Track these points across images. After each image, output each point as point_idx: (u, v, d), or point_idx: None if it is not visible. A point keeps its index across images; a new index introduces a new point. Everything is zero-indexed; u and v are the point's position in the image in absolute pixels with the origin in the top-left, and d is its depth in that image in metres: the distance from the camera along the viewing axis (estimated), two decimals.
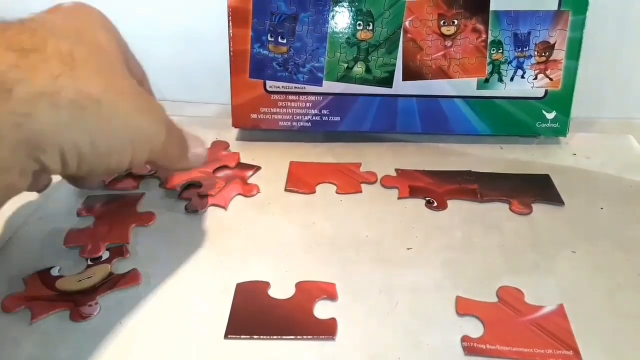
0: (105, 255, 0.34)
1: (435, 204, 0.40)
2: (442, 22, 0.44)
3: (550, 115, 0.47)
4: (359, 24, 0.44)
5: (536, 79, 0.46)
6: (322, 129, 0.47)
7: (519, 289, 0.32)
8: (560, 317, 0.30)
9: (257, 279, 0.33)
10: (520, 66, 0.45)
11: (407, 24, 0.44)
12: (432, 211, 0.39)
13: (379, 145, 0.47)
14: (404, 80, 0.45)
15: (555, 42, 0.45)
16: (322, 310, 0.31)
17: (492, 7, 0.44)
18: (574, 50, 0.45)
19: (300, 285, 0.32)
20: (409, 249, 0.36)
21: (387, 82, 0.46)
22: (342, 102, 0.46)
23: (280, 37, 0.44)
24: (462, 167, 0.44)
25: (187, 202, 0.40)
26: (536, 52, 0.45)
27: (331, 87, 0.46)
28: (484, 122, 0.47)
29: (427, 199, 0.40)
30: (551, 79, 0.46)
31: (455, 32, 0.44)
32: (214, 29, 0.46)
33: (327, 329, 0.30)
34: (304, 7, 0.44)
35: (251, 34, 0.44)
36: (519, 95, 0.46)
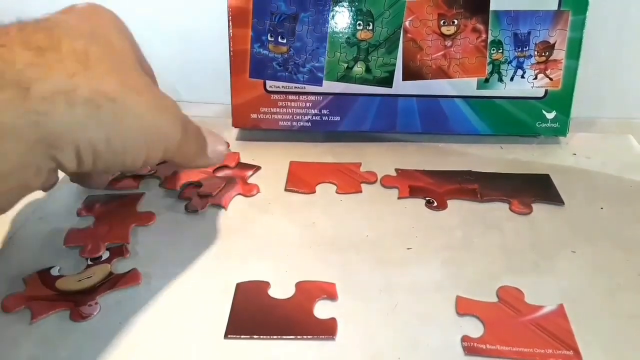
0: (105, 255, 0.34)
1: (435, 204, 0.40)
2: (442, 22, 0.44)
3: (550, 115, 0.47)
4: (359, 24, 0.44)
5: (536, 78, 0.46)
6: (322, 129, 0.47)
7: (519, 289, 0.32)
8: (560, 317, 0.30)
9: (257, 279, 0.33)
10: (520, 66, 0.45)
11: (407, 23, 0.44)
12: (432, 211, 0.39)
13: (379, 145, 0.47)
14: (404, 80, 0.45)
15: (555, 42, 0.45)
16: (322, 310, 0.31)
17: (492, 7, 0.44)
18: (574, 50, 0.45)
19: (300, 285, 0.32)
20: (409, 249, 0.36)
21: (387, 82, 0.45)
22: (342, 102, 0.46)
23: (280, 37, 0.44)
24: (462, 167, 0.44)
25: (187, 202, 0.40)
26: (536, 52, 0.45)
27: (331, 87, 0.46)
28: (484, 122, 0.47)
29: (427, 198, 0.40)
30: (551, 79, 0.46)
31: (455, 32, 0.44)
32: (214, 29, 0.46)
33: (327, 329, 0.30)
34: (304, 7, 0.44)
35: (251, 33, 0.44)
36: (519, 95, 0.46)
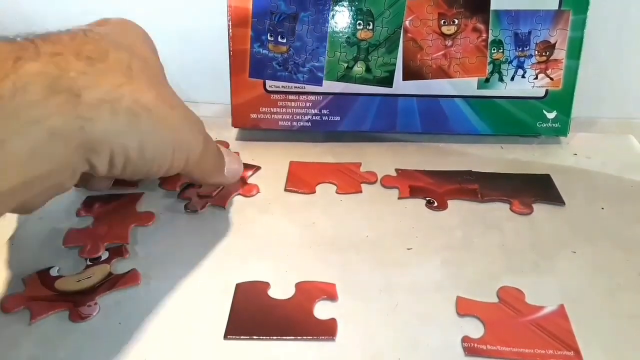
0: (104, 255, 0.34)
1: (435, 204, 0.40)
2: (442, 21, 0.44)
3: (550, 115, 0.46)
4: (359, 24, 0.44)
5: (537, 78, 0.46)
6: (322, 129, 0.47)
7: (519, 289, 0.32)
8: (560, 318, 0.30)
9: (257, 279, 0.33)
10: (520, 66, 0.45)
11: (407, 23, 0.44)
12: (432, 211, 0.39)
13: (379, 145, 0.47)
14: (404, 79, 0.45)
15: (555, 42, 0.45)
16: (322, 310, 0.31)
17: (493, 7, 0.44)
18: (575, 49, 0.45)
19: (300, 285, 0.32)
20: (409, 249, 0.35)
21: (387, 81, 0.45)
22: (342, 101, 0.46)
23: (280, 36, 0.44)
24: (463, 167, 0.44)
25: (186, 202, 0.40)
26: (537, 52, 0.45)
27: (331, 86, 0.46)
28: (485, 122, 0.47)
29: (427, 199, 0.40)
30: (552, 79, 0.46)
31: (455, 31, 0.44)
32: (214, 28, 0.46)
33: (327, 330, 0.30)
34: (303, 7, 0.43)
35: (251, 33, 0.44)
36: (520, 95, 0.46)
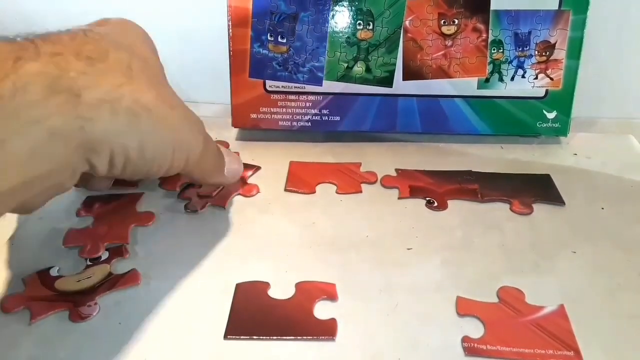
0: (104, 255, 0.34)
1: (435, 204, 0.40)
2: (442, 21, 0.44)
3: (550, 115, 0.46)
4: (359, 24, 0.44)
5: (537, 78, 0.45)
6: (322, 129, 0.47)
7: (519, 289, 0.32)
8: (560, 318, 0.30)
9: (256, 279, 0.33)
10: (520, 66, 0.45)
11: (407, 23, 0.44)
12: (432, 211, 0.39)
13: (379, 145, 0.47)
14: (404, 79, 0.45)
15: (556, 42, 0.45)
16: (322, 310, 0.31)
17: (493, 7, 0.44)
18: (575, 49, 0.44)
19: (300, 285, 0.32)
20: (409, 249, 0.35)
21: (387, 81, 0.45)
22: (342, 101, 0.46)
23: (280, 36, 0.44)
24: (463, 167, 0.44)
25: (186, 202, 0.40)
26: (537, 52, 0.45)
27: (331, 86, 0.45)
28: (485, 122, 0.47)
29: (427, 199, 0.40)
30: (552, 79, 0.46)
31: (455, 31, 0.44)
32: (214, 28, 0.45)
33: (327, 330, 0.30)
34: (303, 7, 0.43)
35: (251, 33, 0.44)
36: (520, 95, 0.46)
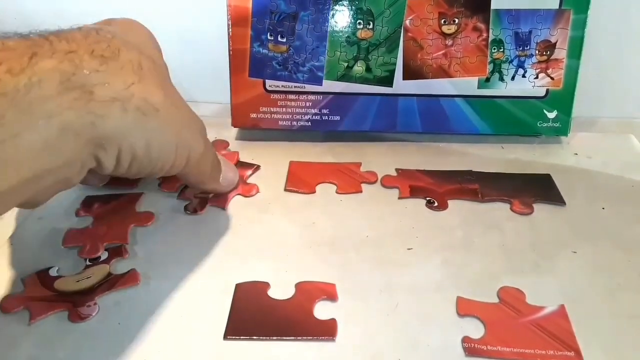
0: (103, 255, 0.34)
1: (435, 204, 0.40)
2: (442, 20, 0.44)
3: (551, 114, 0.46)
4: (359, 23, 0.44)
5: (537, 78, 0.45)
6: (322, 129, 0.47)
7: (519, 290, 0.32)
8: (561, 318, 0.30)
9: (256, 280, 0.33)
10: (521, 65, 0.45)
11: (407, 22, 0.44)
12: (432, 211, 0.39)
13: (379, 144, 0.47)
14: (404, 79, 0.45)
15: (556, 41, 0.44)
16: (322, 310, 0.31)
17: (493, 6, 0.44)
18: (576, 49, 0.44)
19: (300, 285, 0.32)
20: (409, 249, 0.35)
21: (388, 81, 0.45)
22: (342, 101, 0.46)
23: (280, 36, 0.44)
24: (463, 166, 0.44)
25: (186, 203, 0.40)
26: (537, 51, 0.45)
27: (331, 86, 0.45)
28: (485, 122, 0.46)
29: (427, 198, 0.40)
30: (552, 78, 0.45)
31: (456, 31, 0.44)
32: (214, 28, 0.45)
33: (327, 330, 0.30)
34: (303, 6, 0.43)
35: (251, 33, 0.44)
36: (520, 94, 0.46)
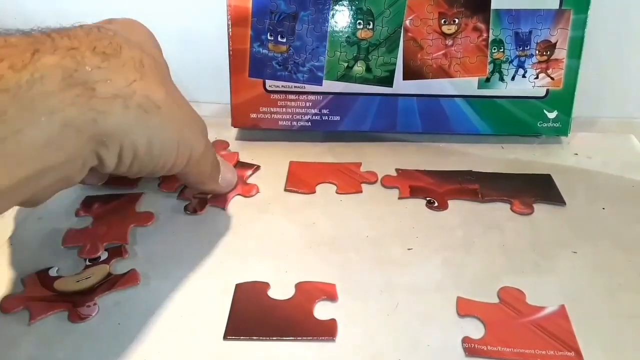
0: (103, 255, 0.34)
1: (436, 204, 0.39)
2: (442, 20, 0.44)
3: (551, 114, 0.46)
4: (359, 23, 0.44)
5: (537, 78, 0.45)
6: (322, 129, 0.47)
7: (520, 290, 0.32)
8: (561, 318, 0.30)
9: (256, 280, 0.33)
10: (521, 65, 0.45)
11: (407, 22, 0.44)
12: (432, 211, 0.39)
13: (379, 145, 0.47)
14: (404, 79, 0.45)
15: (556, 41, 0.44)
16: (322, 311, 0.31)
17: (493, 6, 0.44)
18: (576, 49, 0.44)
19: (300, 285, 0.32)
20: (409, 249, 0.35)
21: (388, 81, 0.45)
22: (342, 101, 0.46)
23: (279, 36, 0.44)
24: (463, 167, 0.44)
25: (186, 203, 0.40)
26: (537, 51, 0.45)
27: (331, 86, 0.45)
28: (485, 122, 0.46)
29: (427, 199, 0.40)
30: (552, 78, 0.45)
31: (456, 31, 0.44)
32: (214, 28, 0.45)
33: (327, 330, 0.30)
34: (303, 6, 0.43)
35: (251, 33, 0.44)
36: (520, 94, 0.46)
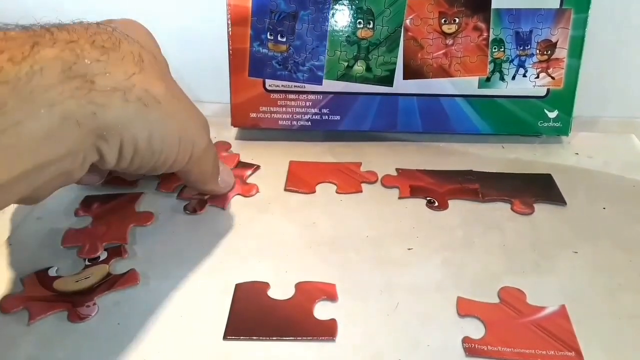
0: (103, 255, 0.34)
1: (436, 204, 0.39)
2: (443, 20, 0.44)
3: (552, 114, 0.46)
4: (359, 22, 0.44)
5: (538, 77, 0.45)
6: (322, 128, 0.47)
7: (520, 290, 0.32)
8: (561, 318, 0.30)
9: (256, 280, 0.33)
10: (522, 65, 0.45)
11: (407, 22, 0.44)
12: (433, 211, 0.39)
13: (379, 144, 0.47)
14: (404, 79, 0.45)
15: (557, 41, 0.44)
16: (322, 311, 0.31)
17: (494, 5, 0.44)
18: (576, 48, 0.44)
19: (300, 285, 0.32)
20: (409, 249, 0.35)
21: (388, 80, 0.45)
22: (342, 101, 0.46)
23: (279, 35, 0.44)
24: (464, 166, 0.44)
25: (185, 202, 0.39)
26: (538, 51, 0.45)
27: (331, 85, 0.45)
28: (486, 122, 0.46)
29: (428, 198, 0.40)
30: (553, 78, 0.45)
31: (456, 30, 0.44)
32: (214, 28, 0.45)
33: (327, 330, 0.29)
34: (303, 5, 0.43)
35: (250, 32, 0.44)
36: (521, 94, 0.46)
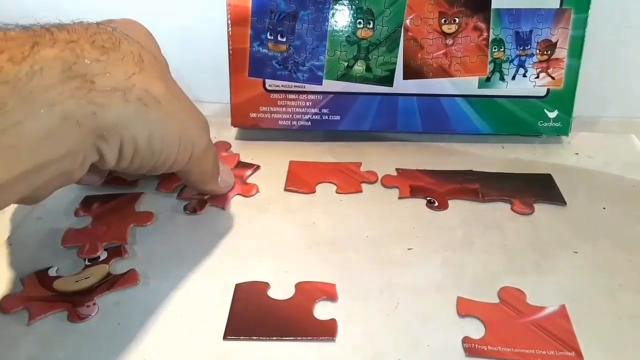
0: (103, 255, 0.34)
1: (436, 204, 0.39)
2: (443, 20, 0.44)
3: (552, 114, 0.46)
4: (359, 22, 0.44)
5: (538, 77, 0.45)
6: (322, 128, 0.47)
7: (520, 290, 0.32)
8: (562, 318, 0.30)
9: (256, 280, 0.33)
10: (522, 65, 0.45)
11: (407, 22, 0.44)
12: (433, 211, 0.39)
13: (379, 144, 0.47)
14: (404, 79, 0.45)
15: (557, 41, 0.44)
16: (322, 311, 0.31)
17: (494, 5, 0.44)
18: (576, 48, 0.44)
19: (300, 285, 0.32)
20: (409, 249, 0.35)
21: (388, 80, 0.45)
22: (342, 101, 0.46)
23: (279, 35, 0.44)
24: (464, 166, 0.44)
25: (185, 202, 0.39)
26: (538, 51, 0.45)
27: (331, 85, 0.45)
28: (486, 121, 0.46)
29: (428, 198, 0.40)
30: (553, 78, 0.45)
31: (456, 30, 0.44)
32: (214, 28, 0.45)
33: (327, 330, 0.29)
34: (303, 5, 0.43)
35: (250, 32, 0.44)
36: (521, 94, 0.46)
